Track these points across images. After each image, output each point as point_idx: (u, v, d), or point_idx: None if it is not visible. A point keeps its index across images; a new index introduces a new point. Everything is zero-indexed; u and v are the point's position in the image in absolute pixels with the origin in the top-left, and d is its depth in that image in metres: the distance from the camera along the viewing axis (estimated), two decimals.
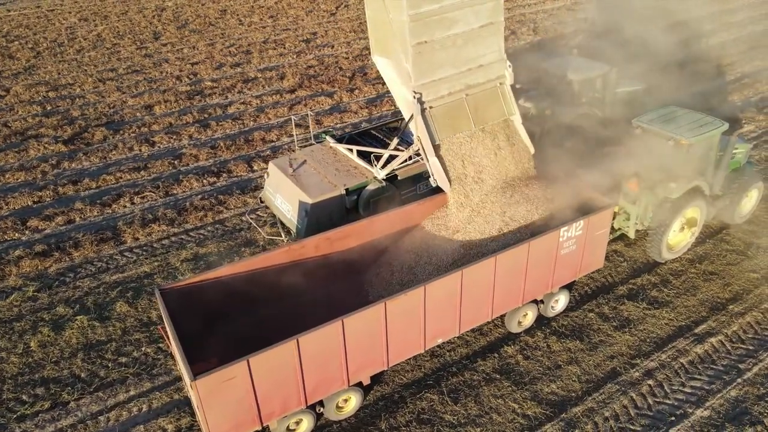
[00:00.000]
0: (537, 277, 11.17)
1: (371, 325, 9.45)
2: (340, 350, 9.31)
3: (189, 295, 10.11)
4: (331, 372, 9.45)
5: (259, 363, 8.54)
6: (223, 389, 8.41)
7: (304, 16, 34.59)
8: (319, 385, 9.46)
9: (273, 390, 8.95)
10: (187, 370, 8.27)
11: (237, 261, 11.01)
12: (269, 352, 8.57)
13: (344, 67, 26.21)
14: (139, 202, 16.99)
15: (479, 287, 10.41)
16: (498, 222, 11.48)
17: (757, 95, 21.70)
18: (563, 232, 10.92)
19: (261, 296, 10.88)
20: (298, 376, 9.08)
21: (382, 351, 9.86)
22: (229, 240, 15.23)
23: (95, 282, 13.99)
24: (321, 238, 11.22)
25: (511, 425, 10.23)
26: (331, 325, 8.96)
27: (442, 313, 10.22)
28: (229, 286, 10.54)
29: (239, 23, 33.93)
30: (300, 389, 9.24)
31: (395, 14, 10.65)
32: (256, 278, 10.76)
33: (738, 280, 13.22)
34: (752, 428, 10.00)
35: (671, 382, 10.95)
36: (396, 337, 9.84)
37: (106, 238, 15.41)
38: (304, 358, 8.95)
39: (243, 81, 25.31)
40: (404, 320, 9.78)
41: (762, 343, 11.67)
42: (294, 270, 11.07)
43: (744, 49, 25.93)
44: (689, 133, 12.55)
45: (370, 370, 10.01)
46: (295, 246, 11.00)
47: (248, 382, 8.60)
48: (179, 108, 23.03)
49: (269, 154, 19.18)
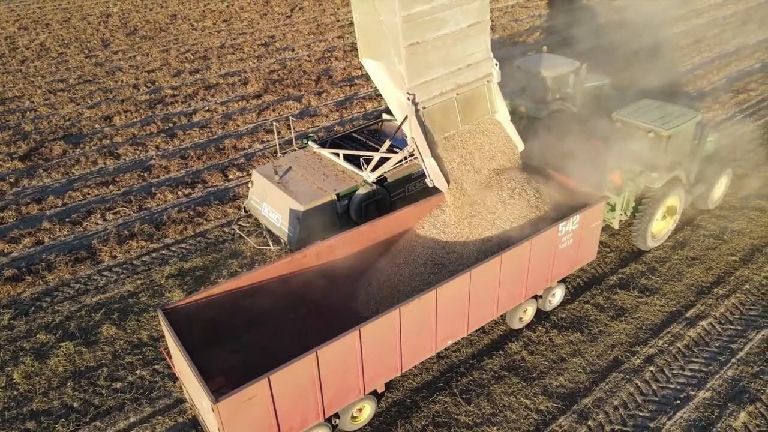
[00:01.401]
0: (538, 273, 11.33)
1: (386, 332, 9.35)
2: (357, 359, 9.17)
3: (191, 313, 9.74)
4: (348, 382, 9.30)
5: (279, 379, 8.29)
6: (243, 409, 8.13)
7: (259, 20, 33.98)
8: (337, 397, 9.29)
9: (292, 406, 8.73)
10: (206, 392, 7.94)
11: (241, 274, 10.66)
12: (289, 367, 8.33)
13: (308, 71, 25.88)
14: (112, 218, 16.26)
15: (486, 286, 10.46)
16: (494, 220, 11.56)
17: (710, 85, 22.69)
18: (561, 227, 11.09)
19: (265, 309, 10.59)
20: (316, 390, 8.88)
21: (396, 357, 9.77)
22: (214, 252, 14.77)
23: (75, 305, 13.30)
24: (323, 245, 11.02)
25: (525, 421, 10.31)
26: (348, 335, 8.80)
27: (452, 314, 10.22)
28: (231, 301, 10.22)
29: (192, 28, 33.02)
30: (318, 402, 9.04)
31: (387, 16, 10.54)
32: (260, 291, 10.46)
33: (718, 263, 13.77)
34: (752, 406, 10.43)
35: (671, 366, 11.29)
36: (409, 342, 9.78)
37: (82, 258, 14.68)
38: (323, 370, 8.76)
39: (205, 88, 24.63)
40: (417, 324, 9.72)
41: (749, 322, 12.19)
42: (298, 279, 10.84)
43: (691, 41, 27.08)
44: (668, 124, 13.00)
45: (384, 377, 9.91)
46: (297, 255, 10.79)
47: (269, 400, 8.35)
48: (141, 118, 22.20)
49: (243, 162, 18.74)
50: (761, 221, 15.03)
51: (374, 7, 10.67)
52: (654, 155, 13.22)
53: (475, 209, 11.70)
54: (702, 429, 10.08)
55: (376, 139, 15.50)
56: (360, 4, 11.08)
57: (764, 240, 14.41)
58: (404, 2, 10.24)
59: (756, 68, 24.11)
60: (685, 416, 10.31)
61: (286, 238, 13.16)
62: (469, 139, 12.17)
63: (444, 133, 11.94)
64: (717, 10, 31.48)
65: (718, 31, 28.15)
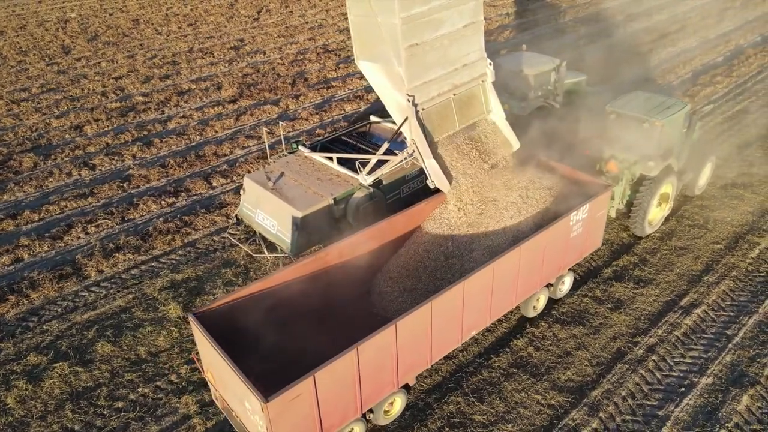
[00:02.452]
0: (552, 261, 11.64)
1: (419, 325, 9.50)
2: (393, 353, 9.28)
3: (221, 316, 9.65)
4: (383, 376, 9.42)
5: (323, 377, 8.33)
6: (290, 409, 8.13)
7: (225, 23, 33.41)
8: (373, 391, 9.42)
9: (334, 402, 8.80)
10: (255, 393, 7.85)
11: (266, 276, 10.48)
12: (332, 364, 8.37)
13: (282, 74, 25.58)
14: (95, 231, 15.72)
15: (508, 276, 10.73)
16: (501, 215, 11.70)
17: (678, 79, 23.38)
18: (573, 217, 11.34)
19: (290, 309, 10.55)
20: (356, 385, 8.97)
21: (426, 350, 9.95)
22: (206, 262, 14.43)
23: (65, 323, 12.80)
24: (345, 243, 11.08)
25: (539, 417, 10.42)
26: (386, 329, 8.91)
27: (477, 305, 10.45)
28: (258, 302, 10.15)
29: (156, 33, 32.24)
30: (357, 397, 9.14)
31: (385, 18, 10.50)
32: (284, 291, 10.46)
33: (705, 252, 14.20)
34: (753, 389, 10.78)
35: (672, 355, 11.59)
36: (439, 334, 9.96)
37: (67, 274, 14.14)
38: (362, 365, 8.85)
39: (177, 93, 24.07)
40: (446, 316, 9.91)
41: (740, 308, 12.61)
42: (320, 279, 10.88)
43: (655, 37, 27.87)
44: (661, 114, 13.46)
45: (416, 370, 10.13)
46: (320, 254, 10.79)
47: (313, 398, 8.39)
48: (113, 126, 21.54)
49: (226, 169, 18.38)
50: (741, 209, 15.57)
51: (371, 8, 10.61)
52: (648, 144, 13.64)
53: (479, 206, 11.78)
54: (708, 414, 10.37)
55: (366, 142, 15.42)
56: (356, 6, 11.00)
57: (746, 227, 14.94)
58: (403, 3, 10.22)
59: (719, 62, 24.97)
60: (691, 403, 10.59)
61: (284, 245, 12.95)
62: (467, 138, 12.24)
63: (442, 134, 11.98)
64: (676, 6, 32.47)
65: (680, 27, 29.05)
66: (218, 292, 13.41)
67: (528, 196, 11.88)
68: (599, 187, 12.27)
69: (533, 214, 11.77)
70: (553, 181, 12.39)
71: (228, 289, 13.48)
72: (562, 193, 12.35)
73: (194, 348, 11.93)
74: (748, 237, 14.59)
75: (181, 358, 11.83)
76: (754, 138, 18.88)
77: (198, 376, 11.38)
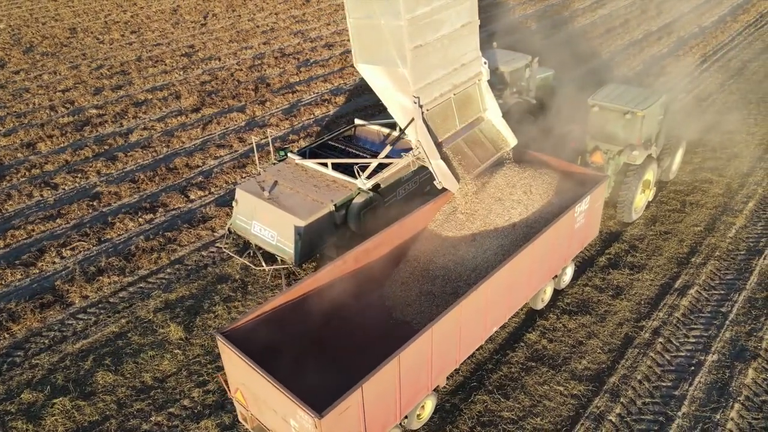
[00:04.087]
0: (559, 253, 11.93)
1: (451, 327, 9.53)
2: (429, 357, 9.27)
3: (246, 333, 9.34)
4: (420, 381, 9.41)
5: (370, 387, 8.24)
6: (339, 422, 7.93)
7: (171, 29, 32.23)
8: (411, 396, 9.39)
9: (377, 411, 8.71)
10: (306, 409, 7.63)
11: (289, 288, 10.16)
12: (378, 374, 8.28)
13: (242, 80, 24.92)
14: (71, 255, 14.80)
15: (524, 271, 10.90)
16: (509, 213, 11.82)
17: (631, 70, 24.39)
18: (577, 208, 11.59)
19: (314, 319, 10.41)
20: (397, 392, 8.91)
21: (456, 350, 10.02)
22: (199, 279, 13.87)
23: (56, 355, 11.99)
24: (359, 250, 10.94)
25: (565, 408, 10.60)
26: (423, 334, 8.89)
27: (499, 302, 10.61)
28: (281, 315, 9.89)
29: (98, 41, 30.71)
30: (398, 404, 9.09)
31: (389, 19, 10.39)
32: (307, 302, 10.28)
33: (687, 235, 14.87)
34: (755, 362, 11.37)
35: (676, 336, 12.06)
36: (466, 334, 10.04)
37: (48, 303, 13.24)
38: (402, 372, 8.77)
39: (133, 105, 23.02)
40: (472, 316, 9.99)
41: (729, 286, 13.27)
42: (340, 285, 10.76)
43: (602, 31, 28.96)
44: (641, 105, 14.02)
45: (447, 371, 10.19)
46: (338, 262, 10.61)
47: (360, 410, 8.25)
48: (69, 142, 20.36)
49: (202, 181, 17.72)
50: (712, 192, 16.40)
51: (374, 10, 10.47)
52: (631, 134, 14.17)
53: (487, 206, 11.89)
54: (720, 390, 10.86)
55: (354, 145, 15.25)
56: (356, 8, 10.83)
57: (719, 209, 15.74)
58: (408, 5, 10.15)
59: (665, 53, 26.21)
60: (702, 380, 11.05)
61: (286, 255, 12.61)
62: (467, 137, 12.31)
63: (444, 134, 11.99)
64: (616, 1, 33.85)
65: (623, 21, 30.30)
66: (218, 309, 12.91)
67: (532, 192, 12.08)
68: (596, 178, 12.63)
69: (538, 209, 11.97)
70: (552, 176, 12.65)
71: (228, 306, 13.01)
72: (561, 187, 12.64)
73: (206, 369, 11.45)
74: (723, 218, 15.39)
75: (190, 381, 11.31)
76: (711, 124, 19.91)
77: (213, 399, 10.91)
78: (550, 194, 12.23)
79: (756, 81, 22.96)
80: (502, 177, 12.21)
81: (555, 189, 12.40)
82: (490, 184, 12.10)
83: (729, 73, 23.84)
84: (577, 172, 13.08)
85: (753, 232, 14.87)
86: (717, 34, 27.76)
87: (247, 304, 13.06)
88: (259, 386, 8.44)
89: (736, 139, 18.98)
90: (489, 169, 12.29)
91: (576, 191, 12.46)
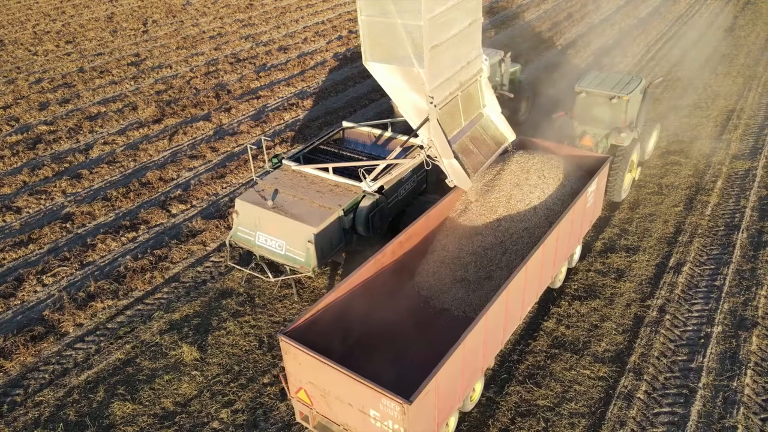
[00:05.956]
0: (575, 233, 12.42)
1: (500, 309, 9.84)
2: (484, 340, 9.52)
3: (302, 332, 9.34)
4: (476, 364, 9.67)
5: (444, 372, 8.40)
6: (420, 408, 8.08)
7: (110, 38, 30.68)
8: (469, 379, 9.62)
9: (446, 395, 8.86)
10: (393, 396, 7.80)
11: (338, 285, 10.10)
12: (451, 358, 8.46)
13: (200, 88, 24.06)
14: (53, 282, 13.82)
15: (551, 251, 11.34)
16: (530, 200, 12.25)
17: (584, 62, 25.38)
18: (589, 189, 12.10)
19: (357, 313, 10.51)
20: (461, 376, 9.13)
21: (501, 330, 10.32)
22: (200, 296, 13.30)
23: (61, 390, 11.17)
24: (395, 243, 11.11)
25: (595, 390, 10.92)
26: (480, 319, 9.16)
27: (533, 282, 11.01)
28: (331, 311, 9.97)
29: (31, 53, 28.82)
30: (461, 387, 9.31)
31: (408, 19, 10.32)
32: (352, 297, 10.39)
33: (670, 215, 15.64)
34: (756, 330, 12.12)
35: (680, 311, 12.67)
36: (510, 314, 10.39)
37: (40, 335, 12.32)
38: (465, 355, 8.96)
39: (86, 118, 21.76)
40: (515, 297, 10.35)
41: (716, 260, 14.07)
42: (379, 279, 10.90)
43: (549, 26, 29.98)
44: (625, 89, 14.89)
45: (494, 352, 10.49)
46: (378, 256, 10.68)
47: (436, 395, 8.43)
48: (23, 161, 19.01)
49: (181, 194, 16.99)
50: (683, 173, 17.33)
51: (390, 9, 10.36)
52: (617, 118, 15.03)
53: (505, 192, 12.30)
54: (731, 358, 11.50)
55: (345, 148, 15.07)
56: (369, 6, 10.68)
57: (693, 189, 16.66)
58: (428, 5, 10.12)
59: (610, 44, 27.43)
60: (714, 351, 11.66)
61: (296, 264, 12.30)
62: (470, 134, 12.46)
63: (452, 132, 12.05)
64: None
65: (566, 15, 31.48)
66: (229, 325, 12.43)
67: (545, 176, 12.50)
68: (599, 160, 13.24)
69: (553, 192, 12.38)
70: (558, 160, 13.11)
71: (239, 321, 12.55)
72: (568, 169, 13.12)
73: (229, 388, 11.00)
74: (698, 197, 16.29)
75: (215, 402, 10.83)
76: (666, 109, 21.02)
77: (244, 417, 10.50)
78: (561, 177, 12.68)
79: (697, 68, 24.42)
80: (516, 164, 12.60)
81: (564, 172, 12.85)
82: (506, 170, 12.53)
83: (672, 60, 25.24)
84: (580, 155, 13.70)
85: (727, 208, 15.82)
86: (655, 24, 29.33)
87: (258, 318, 12.65)
88: (332, 381, 8.47)
89: (693, 123, 20.14)
90: (501, 158, 12.62)
91: (579, 173, 13.04)
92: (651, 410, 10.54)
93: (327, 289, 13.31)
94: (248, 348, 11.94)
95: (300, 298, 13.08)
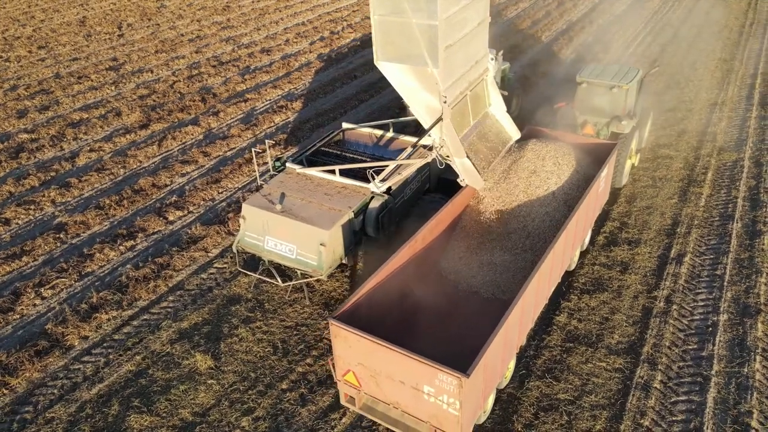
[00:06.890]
0: (588, 218, 12.82)
1: (532, 290, 10.13)
2: (519, 320, 9.94)
3: (348, 316, 9.57)
4: (513, 341, 10.03)
5: (491, 349, 8.72)
6: (473, 381, 8.39)
7: (84, 42, 29.92)
8: (507, 357, 10.04)
9: (492, 371, 9.25)
10: (449, 371, 8.11)
11: (377, 271, 10.28)
12: (497, 336, 8.79)
13: (185, 91, 23.63)
14: (52, 294, 13.41)
15: (572, 233, 11.70)
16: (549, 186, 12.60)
17: (567, 58, 25.75)
18: (601, 174, 12.48)
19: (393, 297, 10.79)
20: (503, 353, 9.54)
21: (533, 309, 10.75)
22: (208, 303, 13.06)
23: (72, 405, 10.83)
24: (425, 229, 11.38)
25: (613, 382, 11.07)
26: (518, 301, 9.44)
27: (558, 263, 11.40)
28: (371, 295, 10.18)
29: (2, 60, 27.90)
30: (502, 364, 9.70)
31: (422, 19, 10.29)
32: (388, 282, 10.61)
33: (666, 208, 15.97)
34: (760, 316, 12.45)
35: (686, 301, 12.95)
36: (540, 293, 10.85)
37: (44, 349, 11.93)
38: (507, 333, 9.27)
39: (69, 125, 21.17)
40: (545, 276, 10.72)
41: (715, 250, 14.42)
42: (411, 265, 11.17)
43: (529, 24, 30.34)
44: (624, 79, 15.43)
45: (526, 330, 10.90)
46: (411, 242, 10.96)
47: (484, 371, 8.76)
48: (7, 171, 18.40)
49: (177, 200, 16.66)
50: (674, 166, 17.72)
51: (404, 8, 10.31)
52: (617, 106, 15.57)
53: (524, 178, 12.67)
54: (740, 344, 11.79)
55: (348, 149, 14.98)
56: (382, 5, 10.62)
57: (685, 181, 17.04)
58: (444, 4, 10.11)
59: (590, 41, 27.90)
60: (722, 339, 11.95)
61: (308, 267, 12.17)
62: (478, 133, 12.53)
63: (462, 131, 12.08)
64: None
65: (545, 13, 31.90)
66: (241, 332, 12.24)
67: (560, 163, 12.87)
68: (608, 147, 13.81)
69: (569, 177, 12.67)
70: (569, 147, 13.46)
71: (251, 327, 12.36)
72: (578, 156, 13.39)
73: (248, 395, 10.82)
74: (691, 189, 16.68)
75: (235, 410, 10.64)
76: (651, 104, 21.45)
77: (266, 425, 10.34)
78: (573, 163, 12.98)
79: (676, 64, 25.00)
80: (532, 151, 13.02)
81: (575, 158, 13.08)
82: (523, 158, 12.93)
83: (652, 56, 25.79)
84: (587, 142, 14.18)
85: (719, 199, 16.23)
86: (632, 22, 29.94)
87: (270, 323, 12.48)
88: (385, 361, 8.74)
89: (678, 116, 20.62)
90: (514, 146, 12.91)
91: (588, 160, 13.49)
92: (669, 399, 10.74)
93: (338, 292, 13.21)
94: (263, 354, 11.77)
95: (311, 302, 12.95)
